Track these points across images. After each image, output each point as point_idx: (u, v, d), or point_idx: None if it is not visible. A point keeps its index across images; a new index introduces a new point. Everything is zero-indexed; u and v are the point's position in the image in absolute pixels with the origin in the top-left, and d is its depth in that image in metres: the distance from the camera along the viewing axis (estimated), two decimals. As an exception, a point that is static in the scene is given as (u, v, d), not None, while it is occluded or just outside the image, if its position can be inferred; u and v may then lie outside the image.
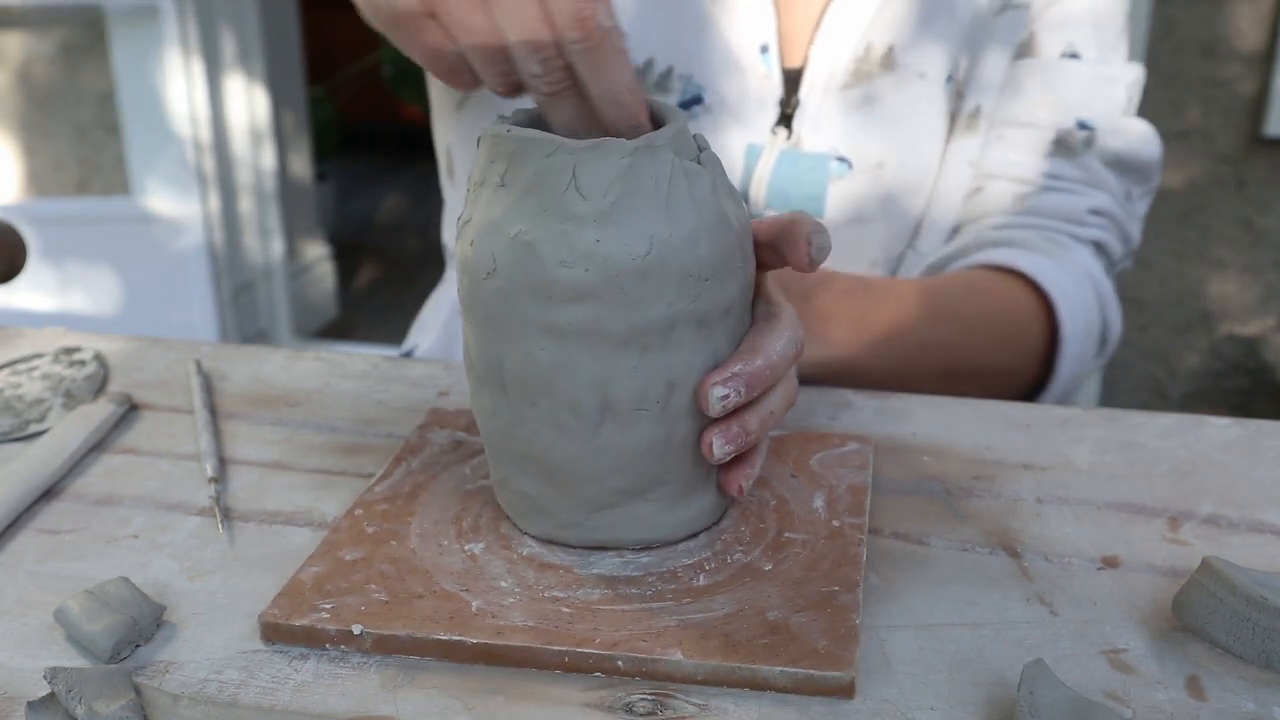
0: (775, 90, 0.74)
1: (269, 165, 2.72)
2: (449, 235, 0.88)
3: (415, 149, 3.97)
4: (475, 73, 0.50)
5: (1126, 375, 2.26)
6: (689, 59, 0.73)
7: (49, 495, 0.54)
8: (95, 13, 2.43)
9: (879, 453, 0.57)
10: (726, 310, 0.46)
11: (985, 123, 0.79)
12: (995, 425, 0.60)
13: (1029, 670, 0.38)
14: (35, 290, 2.60)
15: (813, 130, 0.74)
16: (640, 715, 0.40)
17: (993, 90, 0.78)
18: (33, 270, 2.50)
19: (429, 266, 3.52)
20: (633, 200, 0.43)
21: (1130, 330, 2.18)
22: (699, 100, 0.74)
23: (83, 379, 0.66)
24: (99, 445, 0.59)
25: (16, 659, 0.43)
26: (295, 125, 2.94)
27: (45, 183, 2.63)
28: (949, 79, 0.75)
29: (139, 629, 0.43)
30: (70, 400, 0.64)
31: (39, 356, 0.69)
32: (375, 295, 3.39)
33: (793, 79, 0.74)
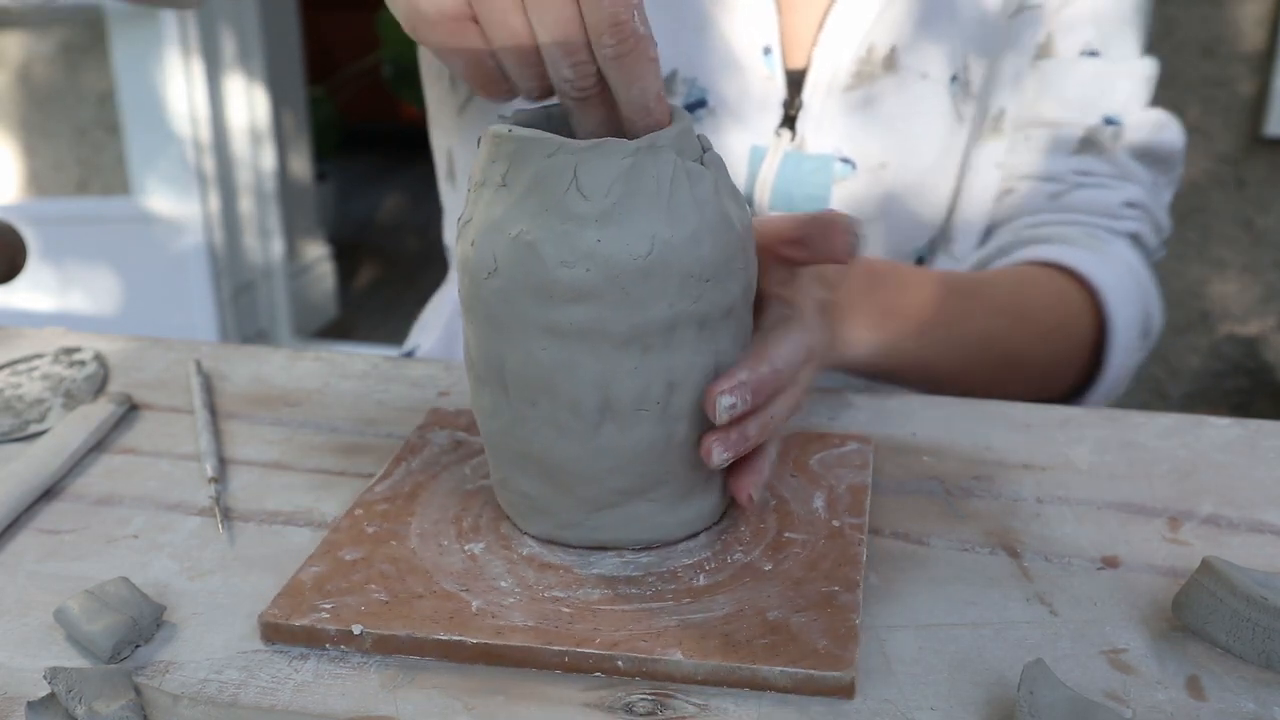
0: (779, 92, 0.74)
1: (269, 165, 2.72)
2: (450, 237, 0.88)
3: (415, 149, 3.97)
4: (511, 80, 0.50)
5: (1126, 375, 2.26)
6: (692, 62, 0.73)
7: (49, 495, 0.54)
8: (95, 13, 2.43)
9: (879, 453, 0.57)
10: (728, 311, 0.46)
11: (1010, 125, 0.80)
12: (995, 425, 0.60)
13: (1029, 670, 0.38)
14: (35, 290, 2.60)
15: (816, 131, 0.74)
16: (640, 715, 0.40)
17: (1014, 92, 0.79)
18: (33, 270, 2.50)
19: (429, 266, 3.52)
20: (634, 200, 0.43)
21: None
22: (703, 103, 0.74)
23: (83, 379, 0.66)
24: (99, 445, 0.59)
25: (16, 659, 0.43)
26: (295, 125, 2.94)
27: (45, 183, 2.63)
28: (954, 79, 0.75)
29: (139, 629, 0.43)
30: (70, 400, 0.64)
31: (39, 356, 0.69)
32: (375, 295, 3.39)
33: (795, 80, 0.74)
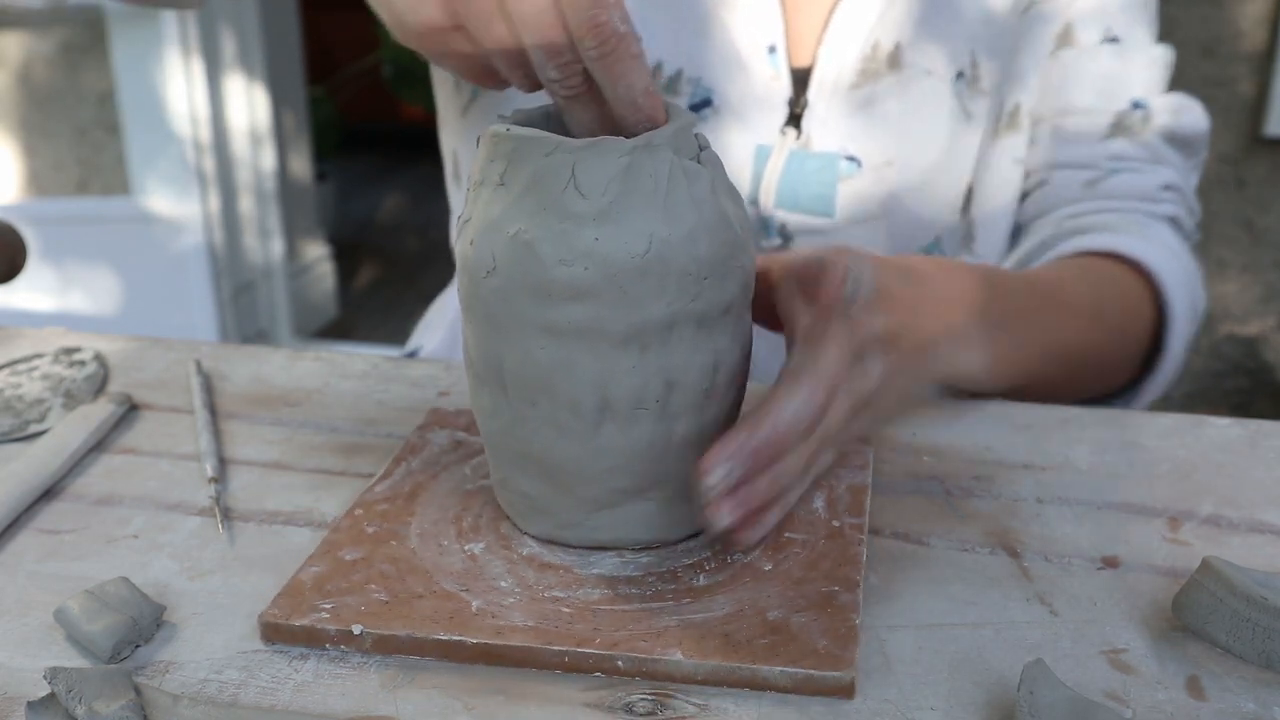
0: (784, 91, 0.74)
1: (269, 165, 2.72)
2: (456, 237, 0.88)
3: (415, 149, 3.98)
4: (503, 76, 0.50)
5: (1126, 375, 2.26)
6: (697, 62, 0.73)
7: (49, 495, 0.54)
8: (95, 13, 2.43)
9: (879, 453, 0.57)
10: (726, 309, 0.46)
11: (1027, 120, 0.79)
12: (995, 425, 0.60)
13: (1029, 670, 0.38)
14: (35, 290, 2.60)
15: (821, 130, 0.74)
16: (640, 715, 0.40)
17: (1031, 87, 0.79)
18: (33, 270, 2.50)
19: (429, 266, 3.52)
20: (631, 199, 0.43)
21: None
22: (708, 103, 0.74)
23: (83, 379, 0.66)
24: (99, 445, 0.59)
25: (16, 659, 0.43)
26: (295, 125, 2.94)
27: (45, 183, 2.63)
28: (959, 76, 0.75)
29: (139, 629, 0.43)
30: (70, 400, 0.64)
31: (39, 356, 0.69)
32: (375, 295, 3.39)
33: (800, 79, 0.74)
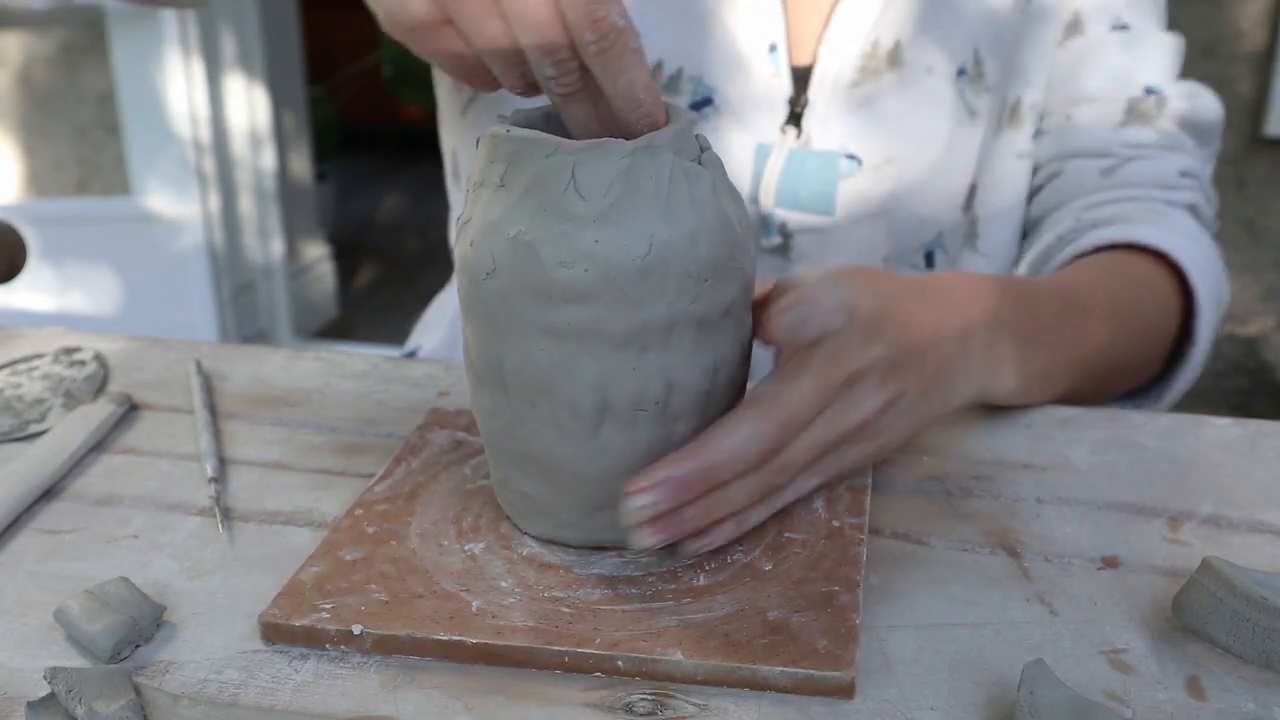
0: (784, 89, 0.73)
1: (269, 165, 2.72)
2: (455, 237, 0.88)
3: (415, 149, 3.98)
4: (495, 74, 0.50)
5: (1126, 375, 2.26)
6: (698, 60, 0.73)
7: (49, 495, 0.54)
8: (95, 13, 2.43)
9: (879, 453, 0.57)
10: (726, 311, 0.46)
11: (1031, 113, 0.79)
12: (995, 425, 0.60)
13: (1029, 670, 0.38)
14: (35, 290, 2.60)
15: (822, 128, 0.74)
16: (640, 715, 0.40)
17: (1033, 81, 0.78)
18: (33, 270, 2.50)
19: (429, 266, 3.52)
20: (632, 201, 0.43)
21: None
22: (709, 101, 0.74)
23: (83, 379, 0.66)
24: (99, 445, 0.59)
25: (16, 659, 0.43)
26: (295, 125, 2.94)
27: (45, 183, 2.63)
28: (960, 73, 0.75)
29: (139, 629, 0.43)
30: (70, 400, 0.64)
31: (39, 356, 0.69)
32: (375, 295, 3.39)
33: (801, 77, 0.74)
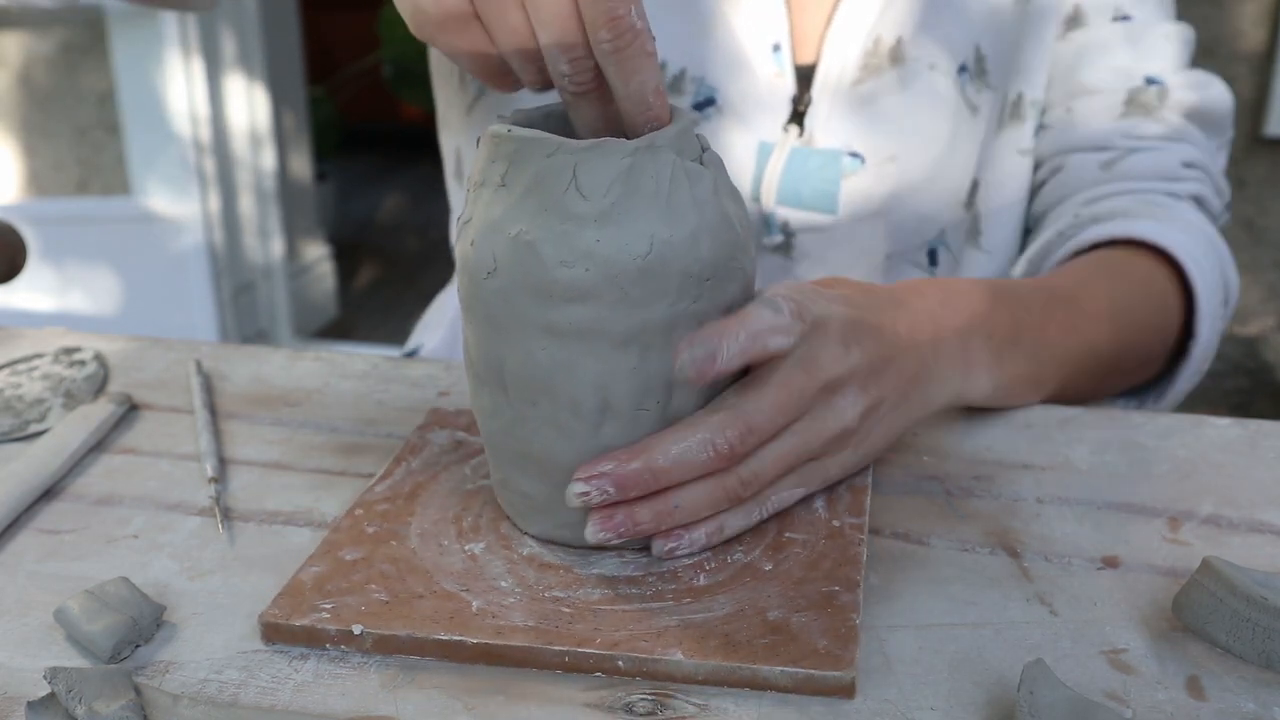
0: (788, 88, 0.73)
1: (269, 165, 2.72)
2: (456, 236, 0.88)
3: (415, 149, 3.98)
4: (517, 75, 0.50)
5: (1126, 375, 2.26)
6: (701, 60, 0.73)
7: (49, 495, 0.54)
8: (95, 13, 2.43)
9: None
10: (727, 311, 0.46)
11: (1032, 109, 0.79)
12: (995, 425, 0.60)
13: (1029, 670, 0.38)
14: (35, 290, 2.60)
15: (824, 127, 0.74)
16: (640, 715, 0.40)
17: (1035, 77, 0.78)
18: (33, 270, 2.50)
19: (429, 266, 3.52)
20: (633, 200, 0.43)
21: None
22: (711, 101, 0.73)
23: (83, 379, 0.66)
24: (99, 445, 0.59)
25: (16, 659, 0.43)
26: (295, 125, 2.94)
27: (45, 183, 2.63)
28: (961, 69, 0.75)
29: (139, 629, 0.43)
30: (70, 400, 0.64)
31: (39, 356, 0.69)
32: (375, 295, 3.39)
33: (804, 76, 0.74)
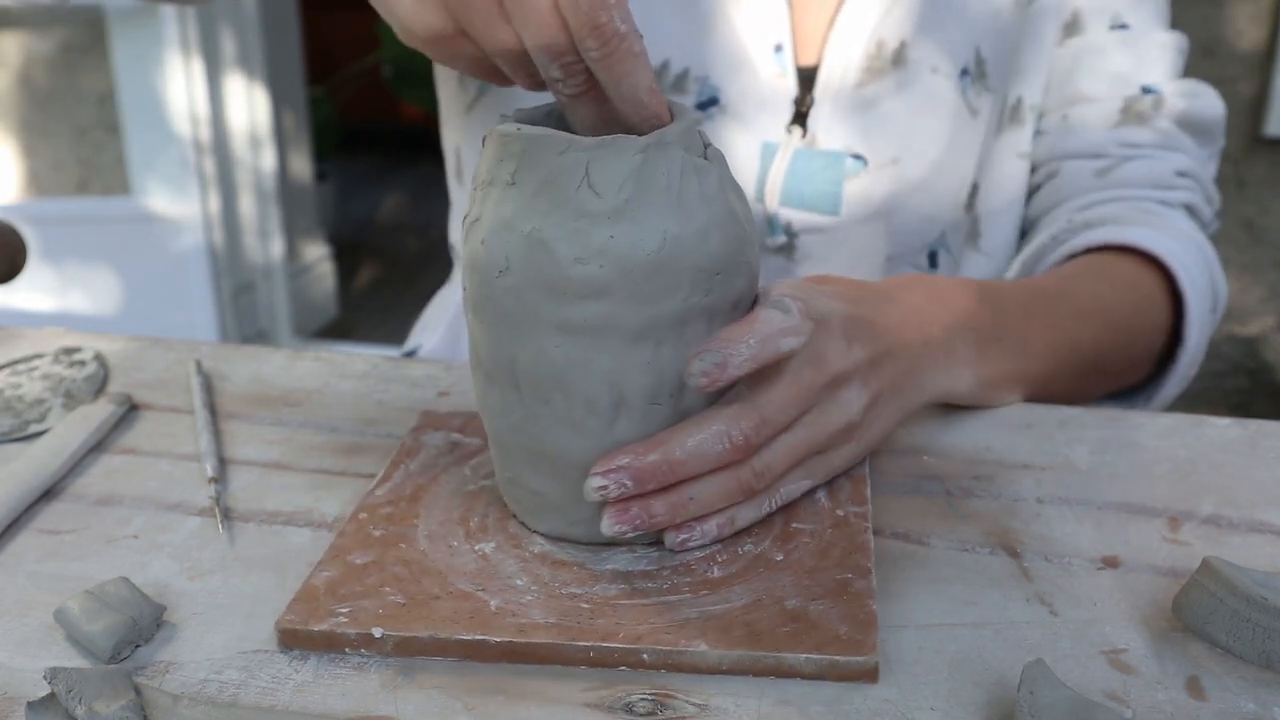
0: (790, 89, 0.74)
1: (269, 165, 2.72)
2: (456, 235, 0.88)
3: (415, 149, 3.98)
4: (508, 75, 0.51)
5: (1126, 375, 2.26)
6: (704, 60, 0.73)
7: (49, 495, 0.54)
8: (95, 13, 2.43)
9: (879, 453, 0.57)
10: (735, 304, 0.47)
11: (1031, 113, 0.79)
12: (995, 425, 0.60)
13: (1029, 670, 0.38)
14: (35, 290, 2.60)
15: (827, 128, 0.74)
16: (640, 715, 0.40)
17: (1033, 81, 0.78)
18: (33, 270, 2.50)
19: (429, 266, 3.52)
20: (645, 196, 0.43)
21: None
22: (714, 101, 0.74)
23: (83, 379, 0.66)
24: (99, 445, 0.59)
25: (16, 659, 0.43)
26: (295, 125, 2.94)
27: (45, 183, 2.63)
28: (963, 72, 0.75)
29: (139, 629, 0.43)
30: (70, 400, 0.64)
31: (39, 356, 0.69)
32: (375, 295, 3.39)
33: (806, 78, 0.74)
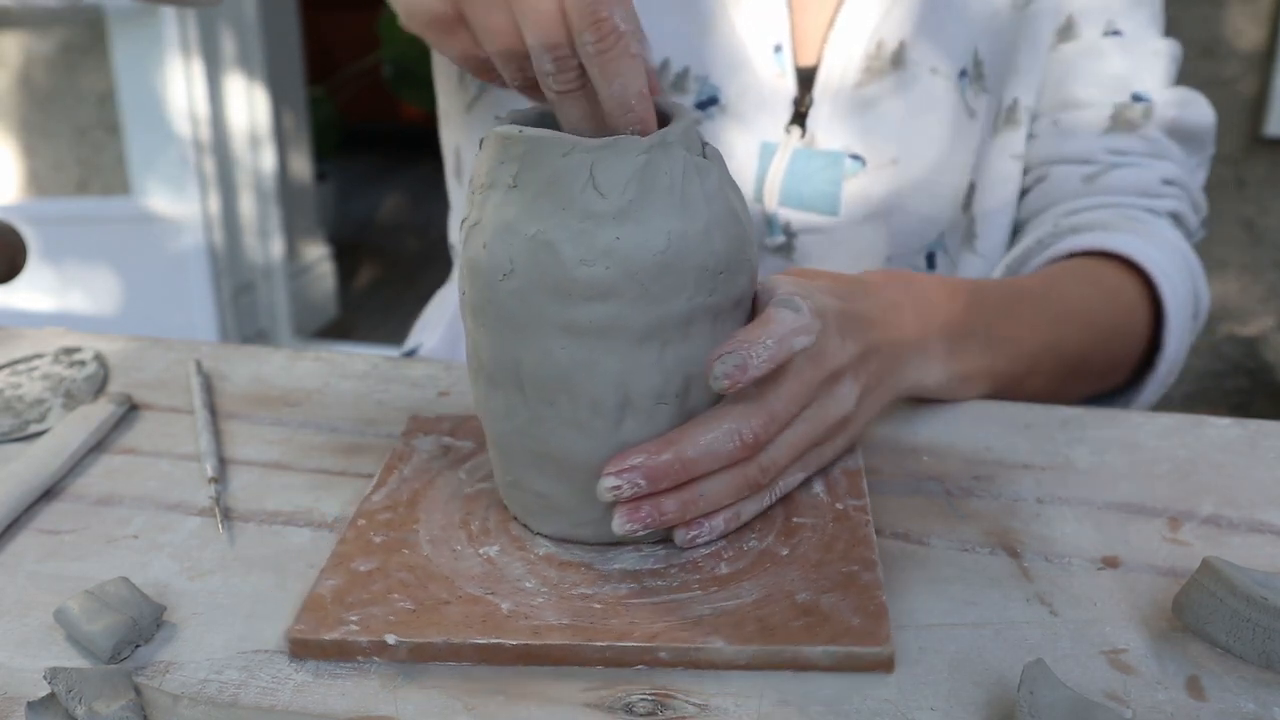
0: (789, 89, 0.74)
1: (269, 165, 2.72)
2: (456, 235, 0.88)
3: (415, 149, 3.98)
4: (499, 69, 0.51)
5: (1126, 375, 2.26)
6: (704, 60, 0.73)
7: (49, 495, 0.54)
8: (95, 13, 2.43)
9: (880, 453, 0.57)
10: (738, 302, 0.47)
11: (1026, 115, 0.79)
12: (995, 425, 0.60)
13: (1029, 670, 0.38)
14: (35, 290, 2.60)
15: (826, 128, 0.74)
16: (640, 715, 0.40)
17: (1030, 83, 0.78)
18: (33, 270, 2.50)
19: (429, 266, 3.52)
20: (650, 197, 0.43)
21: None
22: (714, 101, 0.74)
23: (83, 379, 0.66)
24: (99, 445, 0.59)
25: (16, 659, 0.43)
26: (295, 125, 2.94)
27: (45, 183, 2.63)
28: (962, 73, 0.75)
29: (139, 629, 0.43)
30: (70, 400, 0.64)
31: (39, 356, 0.69)
32: (375, 295, 3.39)
33: (806, 78, 0.74)
